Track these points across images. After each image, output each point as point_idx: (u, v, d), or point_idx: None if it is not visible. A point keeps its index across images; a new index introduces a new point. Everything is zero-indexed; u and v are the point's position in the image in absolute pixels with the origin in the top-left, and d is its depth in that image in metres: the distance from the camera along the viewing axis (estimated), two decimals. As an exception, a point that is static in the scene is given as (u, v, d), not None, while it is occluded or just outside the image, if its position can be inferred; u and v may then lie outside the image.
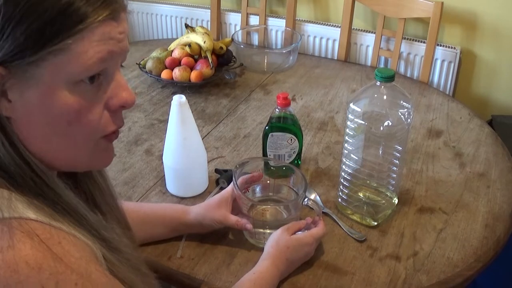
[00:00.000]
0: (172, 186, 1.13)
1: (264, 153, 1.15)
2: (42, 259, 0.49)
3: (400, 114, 0.96)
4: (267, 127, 1.13)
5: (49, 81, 0.52)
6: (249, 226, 0.94)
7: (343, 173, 1.04)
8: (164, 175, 1.14)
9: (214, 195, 0.99)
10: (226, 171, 1.15)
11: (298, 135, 1.13)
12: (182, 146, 1.07)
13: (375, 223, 1.03)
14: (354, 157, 1.00)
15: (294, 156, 1.15)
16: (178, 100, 1.03)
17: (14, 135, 0.53)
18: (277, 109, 1.12)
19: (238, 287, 0.83)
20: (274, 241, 0.90)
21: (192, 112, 1.07)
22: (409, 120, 0.97)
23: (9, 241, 0.48)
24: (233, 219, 0.94)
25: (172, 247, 0.98)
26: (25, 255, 0.48)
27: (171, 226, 0.97)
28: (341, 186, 1.06)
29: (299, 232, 0.93)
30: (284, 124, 1.13)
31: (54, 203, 0.55)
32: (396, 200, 1.07)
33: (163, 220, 0.97)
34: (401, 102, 0.97)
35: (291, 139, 1.13)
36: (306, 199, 0.96)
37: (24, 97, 0.52)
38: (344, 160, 1.03)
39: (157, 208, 1.01)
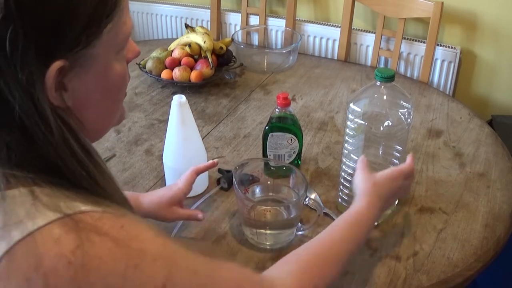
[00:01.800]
0: None
1: (264, 153, 1.15)
2: (114, 249, 0.49)
3: (400, 114, 0.96)
4: (267, 127, 1.13)
5: (103, 59, 0.55)
6: (200, 215, 0.95)
7: (343, 173, 1.04)
8: (164, 175, 1.14)
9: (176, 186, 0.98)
10: (228, 171, 1.15)
11: (298, 135, 1.13)
12: (182, 146, 1.07)
13: (375, 223, 1.03)
14: (354, 157, 1.00)
15: (294, 156, 1.15)
16: (178, 100, 1.03)
17: (70, 124, 0.53)
18: (277, 109, 1.12)
19: (333, 227, 0.82)
20: (361, 182, 0.89)
21: (192, 112, 1.07)
22: (409, 120, 0.97)
23: (76, 240, 0.47)
24: (184, 214, 0.96)
25: (172, 247, 0.98)
26: (96, 252, 0.48)
27: None
28: (341, 186, 1.06)
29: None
30: (284, 124, 1.12)
31: (104, 191, 0.55)
32: (396, 201, 1.07)
33: None
34: (401, 102, 0.97)
35: (291, 139, 1.13)
36: (307, 199, 0.96)
37: (82, 82, 0.53)
38: (344, 160, 1.03)
39: None
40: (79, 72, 0.52)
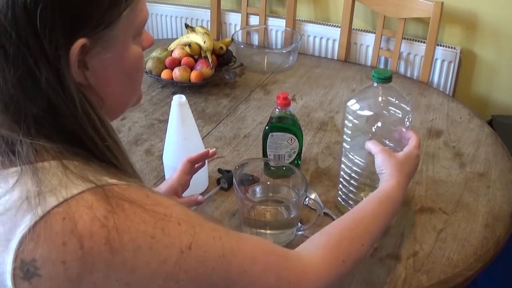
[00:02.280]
0: None
1: (264, 153, 1.15)
2: (142, 213, 0.52)
3: (397, 115, 0.96)
4: (267, 127, 1.13)
5: (123, 40, 0.57)
6: (200, 198, 0.95)
7: (342, 173, 1.04)
8: (164, 175, 1.14)
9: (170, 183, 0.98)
10: (229, 171, 1.15)
11: (298, 135, 1.13)
12: (182, 146, 1.07)
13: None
14: (353, 157, 1.00)
15: (294, 156, 1.15)
16: (178, 100, 1.03)
17: (91, 101, 0.56)
18: (277, 109, 1.12)
19: (364, 204, 0.83)
20: (385, 162, 0.90)
21: (192, 112, 1.07)
22: (407, 121, 0.97)
23: (108, 207, 0.51)
24: (183, 202, 0.95)
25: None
26: (126, 216, 0.51)
27: None
28: (341, 186, 1.06)
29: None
30: (284, 124, 1.12)
31: (122, 165, 0.59)
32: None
33: None
34: (399, 103, 0.97)
35: (291, 139, 1.13)
36: (307, 199, 0.96)
37: (103, 62, 0.56)
38: (343, 160, 1.03)
39: None
40: (100, 52, 0.55)
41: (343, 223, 0.78)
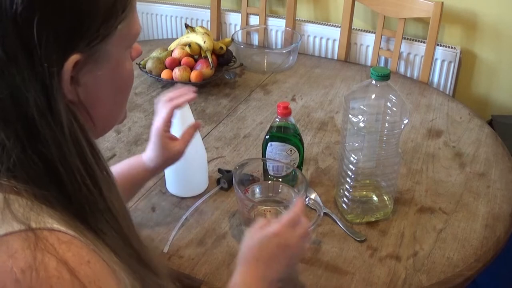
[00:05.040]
0: (172, 186, 1.13)
1: (264, 164, 1.11)
2: (67, 282, 0.45)
3: (394, 114, 0.96)
4: (267, 136, 1.10)
5: (115, 55, 0.55)
6: (197, 122, 0.97)
7: (342, 173, 1.04)
8: (164, 175, 1.14)
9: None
10: (229, 171, 1.15)
11: (299, 146, 1.09)
12: None
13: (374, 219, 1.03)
14: (352, 157, 1.00)
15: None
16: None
17: (80, 120, 0.52)
18: (277, 119, 1.08)
19: None
20: (241, 247, 0.79)
21: (192, 112, 1.07)
22: (404, 119, 0.97)
23: (30, 259, 0.44)
24: (185, 138, 0.95)
25: (172, 247, 0.98)
26: (47, 277, 0.44)
27: (137, 185, 0.96)
28: (340, 186, 1.06)
29: None
30: (284, 134, 1.08)
31: (102, 197, 0.52)
32: (392, 202, 1.07)
33: (131, 181, 0.94)
34: (396, 101, 0.97)
35: (291, 150, 1.09)
36: (307, 199, 0.96)
37: (95, 78, 0.53)
38: (343, 160, 1.03)
39: (120, 171, 0.94)
40: (93, 68, 0.53)
41: None
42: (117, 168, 0.94)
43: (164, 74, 1.57)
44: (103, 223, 0.53)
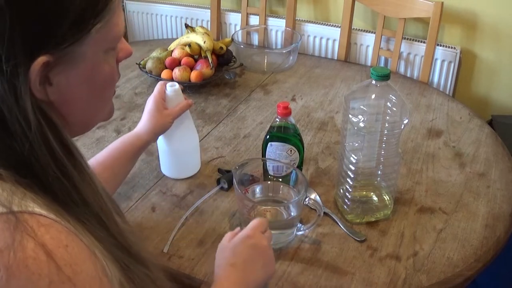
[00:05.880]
0: (165, 168, 1.17)
1: (264, 164, 1.11)
2: (43, 264, 0.46)
3: (394, 114, 0.96)
4: (267, 136, 1.10)
5: (91, 58, 0.55)
6: (190, 101, 1.07)
7: (342, 173, 1.04)
8: (158, 157, 1.17)
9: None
10: (229, 171, 1.15)
11: (299, 146, 1.09)
12: (175, 128, 1.09)
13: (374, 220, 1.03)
14: (352, 157, 1.00)
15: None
16: (172, 88, 1.07)
17: (52, 119, 0.53)
18: (277, 119, 1.08)
19: None
20: (215, 259, 0.79)
21: (191, 112, 1.08)
22: (404, 119, 0.97)
23: (9, 240, 0.45)
24: (176, 110, 1.06)
25: (172, 247, 0.98)
26: (24, 258, 0.45)
27: (133, 155, 1.04)
28: (340, 186, 1.06)
29: None
30: (284, 134, 1.08)
31: (79, 194, 0.54)
32: (392, 202, 1.07)
33: (126, 155, 1.02)
34: (396, 101, 0.97)
35: (291, 150, 1.09)
36: (307, 199, 0.96)
37: (68, 78, 0.54)
38: (343, 160, 1.03)
39: (113, 150, 1.03)
40: (65, 68, 0.53)
41: None
42: (112, 146, 1.03)
43: (164, 74, 1.57)
44: (80, 213, 0.54)
